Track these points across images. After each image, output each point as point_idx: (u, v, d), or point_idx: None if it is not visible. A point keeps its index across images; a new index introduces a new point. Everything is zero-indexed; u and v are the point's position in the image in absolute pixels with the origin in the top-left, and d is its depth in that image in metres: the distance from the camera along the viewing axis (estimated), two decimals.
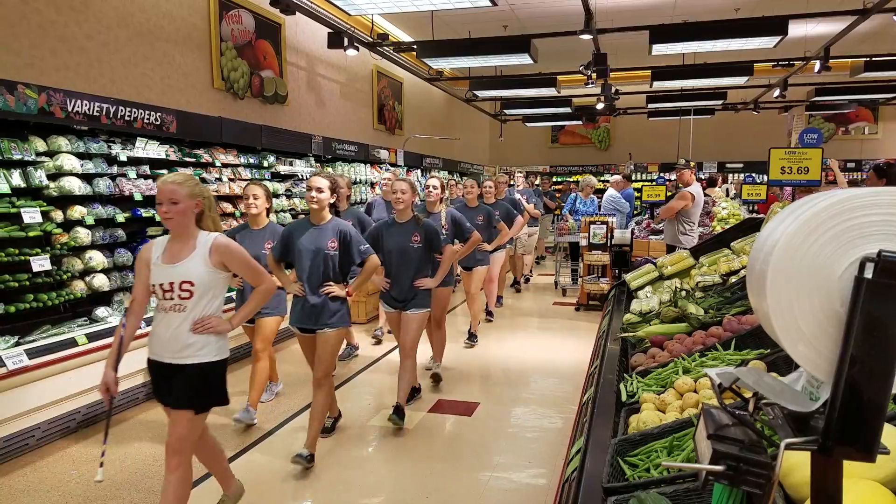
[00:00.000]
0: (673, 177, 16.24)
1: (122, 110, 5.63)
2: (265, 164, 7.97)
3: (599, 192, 12.30)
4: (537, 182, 14.16)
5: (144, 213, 5.77)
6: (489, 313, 8.33)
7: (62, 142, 5.21)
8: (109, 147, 5.62)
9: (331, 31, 8.31)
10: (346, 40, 8.31)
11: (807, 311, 0.93)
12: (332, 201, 4.07)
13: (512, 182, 10.35)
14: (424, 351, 5.79)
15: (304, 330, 4.11)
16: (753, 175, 16.18)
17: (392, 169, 8.62)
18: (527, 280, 11.21)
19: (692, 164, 7.18)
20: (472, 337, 7.06)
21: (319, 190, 3.97)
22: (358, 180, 10.33)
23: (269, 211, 4.90)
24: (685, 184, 7.33)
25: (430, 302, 4.94)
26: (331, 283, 4.02)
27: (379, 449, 4.32)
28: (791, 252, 0.93)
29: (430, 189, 5.52)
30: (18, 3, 5.21)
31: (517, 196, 9.00)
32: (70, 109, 5.13)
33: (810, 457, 0.97)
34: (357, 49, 8.65)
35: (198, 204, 2.96)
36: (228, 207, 7.07)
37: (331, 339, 4.03)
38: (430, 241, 4.78)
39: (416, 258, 4.75)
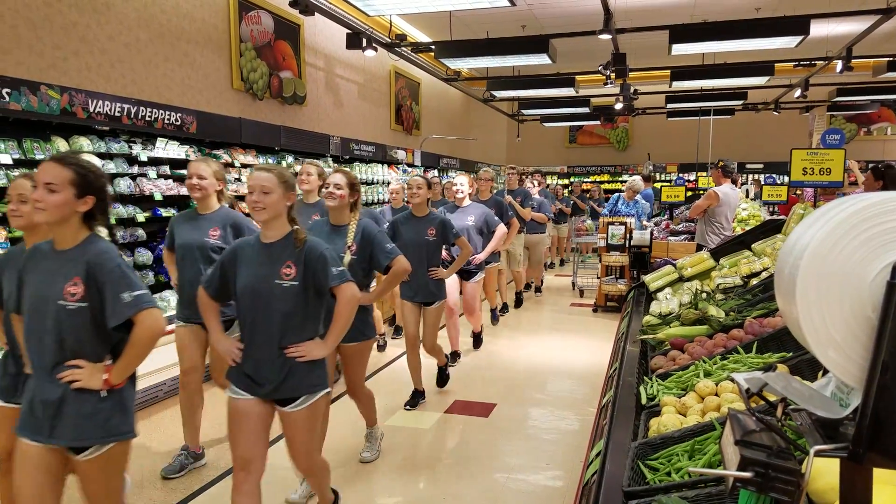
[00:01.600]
0: (692, 177, 16.14)
1: (142, 111, 5.68)
2: (283, 164, 8.02)
3: (608, 193, 12.21)
4: (547, 184, 13.91)
5: (164, 212, 5.82)
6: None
7: (84, 142, 5.27)
8: (130, 147, 5.68)
9: (349, 31, 8.33)
10: (364, 41, 8.34)
11: (837, 316, 0.91)
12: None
13: (532, 182, 10.09)
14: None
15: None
16: (774, 176, 16.02)
17: (399, 181, 8.19)
18: (537, 290, 10.26)
19: (720, 163, 7.12)
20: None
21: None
22: (375, 181, 10.35)
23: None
24: (717, 184, 7.28)
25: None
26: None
27: (394, 449, 4.32)
28: (821, 256, 0.91)
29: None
30: (42, 5, 5.28)
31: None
32: (92, 110, 5.19)
33: (839, 464, 0.95)
34: (375, 50, 8.67)
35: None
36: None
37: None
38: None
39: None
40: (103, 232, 2.41)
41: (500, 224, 6.05)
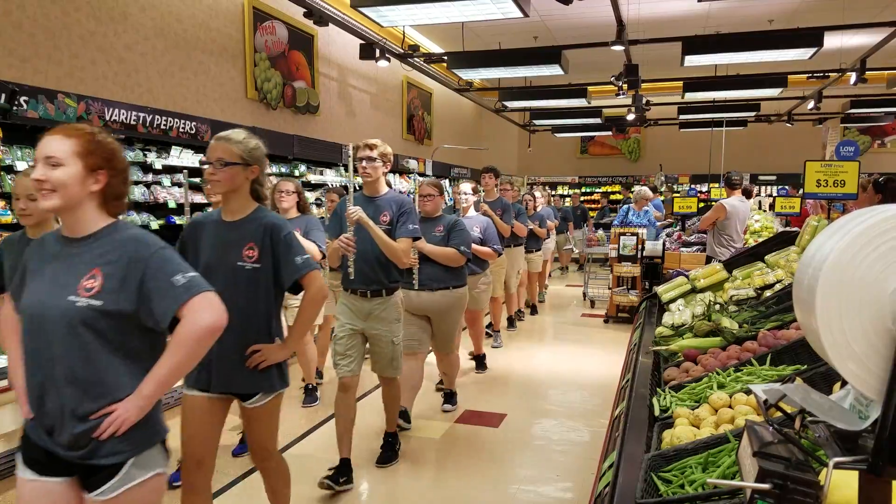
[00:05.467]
0: (705, 188, 16.08)
1: (158, 119, 5.74)
2: (297, 173, 8.07)
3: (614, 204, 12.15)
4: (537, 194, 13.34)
5: (178, 220, 5.87)
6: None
7: None
8: (145, 155, 5.74)
9: (363, 42, 8.39)
10: (377, 52, 8.39)
11: (857, 328, 0.91)
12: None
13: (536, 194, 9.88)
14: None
15: None
16: (787, 187, 15.94)
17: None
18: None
19: (735, 178, 7.10)
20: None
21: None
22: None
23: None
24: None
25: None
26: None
27: (404, 459, 4.31)
28: (841, 268, 0.91)
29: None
30: (60, 15, 5.35)
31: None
32: (108, 118, 5.25)
33: (858, 476, 0.95)
34: (388, 60, 8.72)
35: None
36: None
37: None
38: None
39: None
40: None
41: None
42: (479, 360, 6.45)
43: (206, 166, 2.55)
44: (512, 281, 7.58)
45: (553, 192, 15.48)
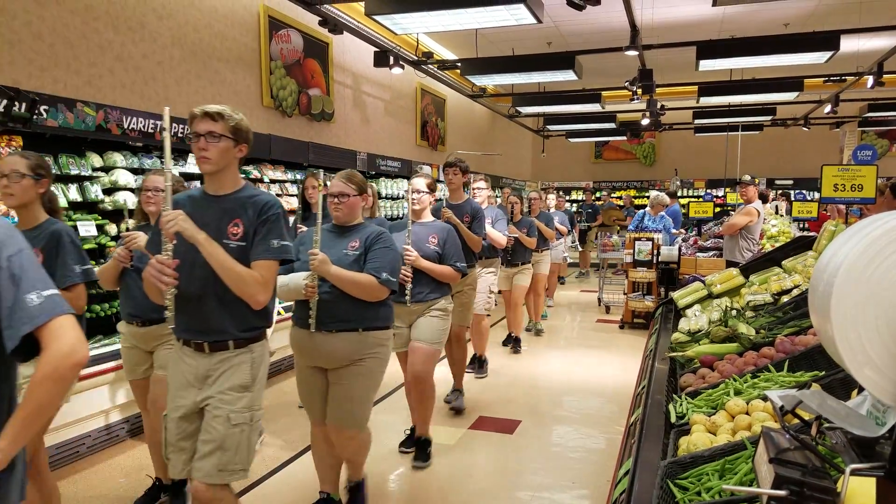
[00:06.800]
0: (721, 193, 15.98)
1: (175, 127, 5.80)
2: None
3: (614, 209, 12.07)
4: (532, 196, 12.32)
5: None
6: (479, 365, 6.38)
7: (117, 157, 5.39)
8: (162, 163, 5.80)
9: (377, 50, 8.43)
10: (391, 59, 8.44)
11: (873, 334, 0.90)
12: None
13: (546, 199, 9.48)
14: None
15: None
16: (804, 192, 15.80)
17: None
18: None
19: (756, 180, 7.07)
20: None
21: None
22: (400, 196, 10.41)
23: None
24: (748, 201, 7.21)
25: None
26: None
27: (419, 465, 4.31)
28: (856, 274, 0.91)
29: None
30: (79, 25, 5.42)
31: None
32: (126, 126, 5.32)
33: (875, 483, 0.94)
34: (402, 67, 8.76)
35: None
36: None
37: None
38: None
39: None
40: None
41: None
42: (480, 363, 6.34)
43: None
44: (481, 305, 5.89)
45: (564, 196, 15.40)
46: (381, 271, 3.12)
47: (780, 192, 17.19)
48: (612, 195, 19.22)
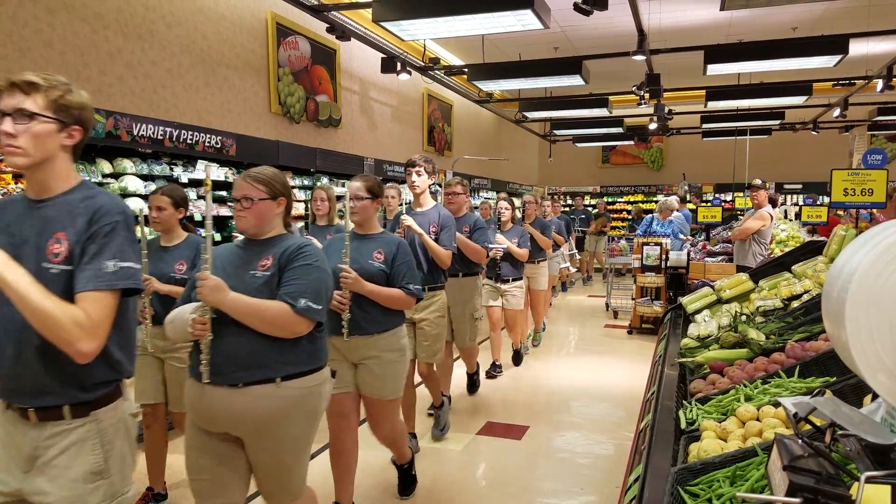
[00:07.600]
0: (729, 197, 15.92)
1: (184, 134, 5.84)
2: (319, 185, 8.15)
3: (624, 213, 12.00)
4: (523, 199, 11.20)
5: (204, 233, 5.95)
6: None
7: (127, 164, 5.42)
8: (171, 169, 5.83)
9: (384, 56, 8.46)
10: (398, 65, 8.46)
11: (887, 340, 0.90)
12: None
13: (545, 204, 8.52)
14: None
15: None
16: (813, 196, 15.73)
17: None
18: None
19: (767, 184, 7.04)
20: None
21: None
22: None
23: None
24: (759, 205, 7.19)
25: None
26: None
27: (425, 471, 4.30)
28: (870, 281, 0.90)
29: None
30: (89, 33, 5.46)
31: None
32: (136, 133, 5.35)
33: (891, 491, 0.93)
34: (409, 73, 8.79)
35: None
36: None
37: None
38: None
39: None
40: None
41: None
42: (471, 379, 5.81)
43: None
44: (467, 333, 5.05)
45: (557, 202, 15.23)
46: (300, 297, 2.28)
47: (789, 195, 17.16)
48: (620, 200, 19.21)
